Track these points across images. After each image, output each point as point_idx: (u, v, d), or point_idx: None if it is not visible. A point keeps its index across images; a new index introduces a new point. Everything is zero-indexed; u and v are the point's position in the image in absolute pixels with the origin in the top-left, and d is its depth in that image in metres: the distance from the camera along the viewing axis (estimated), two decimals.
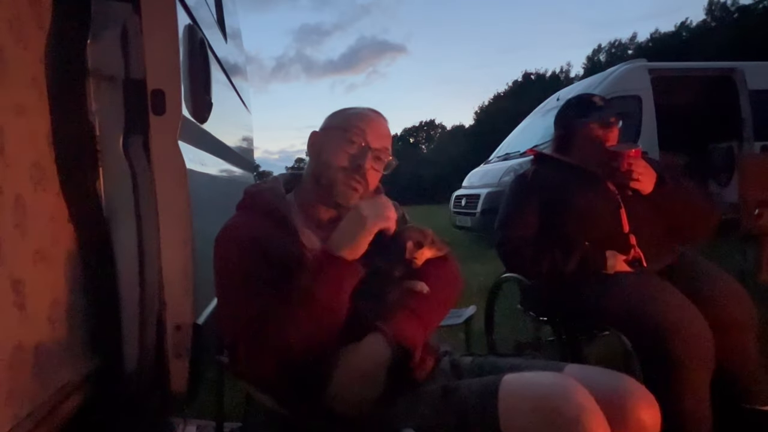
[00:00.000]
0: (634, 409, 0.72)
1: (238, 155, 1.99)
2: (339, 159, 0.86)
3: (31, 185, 0.94)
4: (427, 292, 0.84)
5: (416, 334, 0.80)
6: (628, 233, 1.34)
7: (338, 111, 0.94)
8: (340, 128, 0.88)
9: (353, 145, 0.86)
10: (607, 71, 5.59)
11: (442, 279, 0.89)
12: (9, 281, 0.84)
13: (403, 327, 0.79)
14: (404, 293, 0.84)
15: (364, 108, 0.92)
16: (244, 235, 0.81)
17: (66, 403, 0.99)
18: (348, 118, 0.89)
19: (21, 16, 0.93)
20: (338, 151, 0.86)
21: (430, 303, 0.84)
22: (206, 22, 1.43)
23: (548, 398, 0.66)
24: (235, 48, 2.11)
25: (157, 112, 1.08)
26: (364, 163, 0.86)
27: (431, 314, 0.85)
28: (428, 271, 0.87)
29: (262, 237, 0.80)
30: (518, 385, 0.70)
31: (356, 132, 0.86)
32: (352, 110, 0.92)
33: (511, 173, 5.06)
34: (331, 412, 0.74)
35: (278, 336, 0.74)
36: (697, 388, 1.10)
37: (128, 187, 1.12)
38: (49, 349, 0.95)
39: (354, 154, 0.86)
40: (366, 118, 0.89)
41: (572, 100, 1.55)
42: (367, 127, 0.88)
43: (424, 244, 0.86)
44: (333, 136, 0.88)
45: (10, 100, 0.89)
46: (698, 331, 1.10)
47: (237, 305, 0.78)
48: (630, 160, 1.29)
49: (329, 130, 0.90)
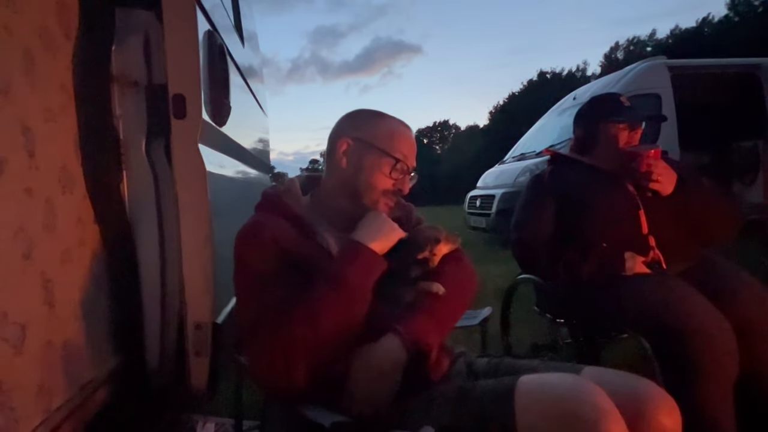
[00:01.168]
0: (655, 413, 0.70)
1: (255, 157, 2.03)
2: (385, 184, 0.88)
3: (60, 188, 0.97)
4: (442, 293, 0.85)
5: (432, 335, 0.80)
6: (647, 235, 1.32)
7: (376, 122, 0.90)
8: (387, 153, 0.87)
9: (399, 172, 0.88)
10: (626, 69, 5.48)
11: (457, 279, 0.89)
12: (40, 280, 0.88)
13: (419, 328, 0.79)
14: (420, 294, 0.85)
15: (401, 124, 0.92)
16: (263, 236, 0.82)
17: (92, 398, 1.02)
18: (395, 143, 0.88)
19: (49, 25, 0.97)
20: (385, 177, 0.88)
21: (445, 304, 0.85)
22: (224, 27, 1.46)
23: (566, 400, 0.66)
24: (252, 52, 2.14)
25: (178, 116, 1.11)
26: (405, 188, 0.90)
27: (447, 315, 0.86)
28: (443, 271, 0.88)
29: (281, 238, 0.81)
30: (535, 386, 0.70)
31: (403, 159, 0.88)
32: (394, 129, 0.90)
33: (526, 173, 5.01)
34: (347, 412, 0.75)
35: (300, 331, 0.74)
36: (720, 394, 1.07)
37: (150, 189, 1.15)
38: (76, 346, 0.98)
39: (398, 180, 0.89)
40: (407, 141, 0.90)
41: (596, 99, 1.53)
42: (409, 151, 0.89)
43: (441, 239, 0.87)
44: (379, 158, 0.87)
45: (39, 106, 0.92)
46: (721, 335, 1.08)
47: (257, 305, 0.79)
48: (649, 161, 1.27)
49: (372, 148, 0.88)
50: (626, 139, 1.40)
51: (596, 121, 1.45)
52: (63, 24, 1.02)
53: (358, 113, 0.93)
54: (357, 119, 0.92)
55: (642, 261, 1.29)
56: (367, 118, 0.91)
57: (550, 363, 0.85)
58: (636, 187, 1.34)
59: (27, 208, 0.86)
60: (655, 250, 1.31)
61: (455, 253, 0.92)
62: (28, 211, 0.86)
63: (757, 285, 1.26)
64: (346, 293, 0.76)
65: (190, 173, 1.13)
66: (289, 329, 0.74)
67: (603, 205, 1.34)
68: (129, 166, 1.15)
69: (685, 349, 1.06)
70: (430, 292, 0.85)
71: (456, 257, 0.92)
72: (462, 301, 0.90)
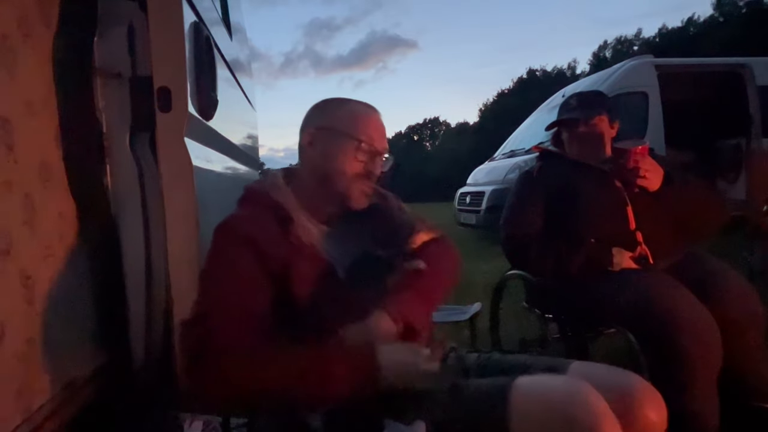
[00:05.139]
0: (641, 406, 0.71)
1: (244, 152, 2.00)
2: (353, 167, 0.87)
3: (40, 182, 0.95)
4: (423, 268, 0.86)
5: (418, 310, 0.81)
6: (635, 230, 1.33)
7: (338, 107, 0.90)
8: (349, 135, 0.87)
9: (365, 153, 0.87)
10: (613, 67, 5.54)
11: (438, 257, 0.91)
12: (19, 277, 0.85)
13: (404, 303, 0.80)
14: (402, 274, 0.86)
15: (365, 106, 0.91)
16: (241, 233, 0.80)
17: (75, 397, 1.00)
18: (356, 125, 0.88)
19: (29, 15, 0.94)
20: (352, 160, 0.87)
21: (427, 279, 0.86)
22: (211, 20, 1.43)
23: (562, 403, 0.66)
24: (240, 45, 2.11)
25: (163, 110, 1.09)
26: (375, 169, 0.88)
27: (430, 290, 0.86)
28: (424, 250, 0.90)
29: (259, 236, 0.80)
30: (531, 389, 0.69)
31: (367, 140, 0.87)
32: (356, 111, 0.90)
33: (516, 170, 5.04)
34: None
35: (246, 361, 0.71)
36: (705, 385, 1.09)
37: (135, 184, 1.12)
38: (58, 344, 0.96)
39: (366, 162, 0.88)
40: (372, 122, 0.89)
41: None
42: (374, 132, 0.88)
43: (420, 227, 0.91)
44: (342, 142, 0.87)
45: (18, 98, 0.90)
46: (706, 329, 1.10)
47: (212, 301, 0.77)
48: (636, 157, 1.28)
49: (335, 133, 0.88)
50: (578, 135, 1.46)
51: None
52: (43, 13, 0.99)
53: (323, 102, 0.93)
54: (320, 108, 0.92)
55: (629, 256, 1.31)
56: (330, 105, 0.91)
57: (538, 358, 0.86)
58: (623, 183, 1.35)
59: (5, 202, 0.83)
60: (642, 245, 1.32)
61: (436, 236, 0.94)
62: (7, 206, 0.84)
63: (740, 280, 1.28)
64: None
65: (176, 168, 1.11)
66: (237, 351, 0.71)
67: (591, 201, 1.35)
68: (113, 161, 1.12)
69: (670, 342, 1.08)
70: (411, 269, 0.86)
71: (436, 240, 0.94)
72: (444, 276, 0.91)
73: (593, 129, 1.44)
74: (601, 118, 1.44)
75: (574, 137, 1.47)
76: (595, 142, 1.45)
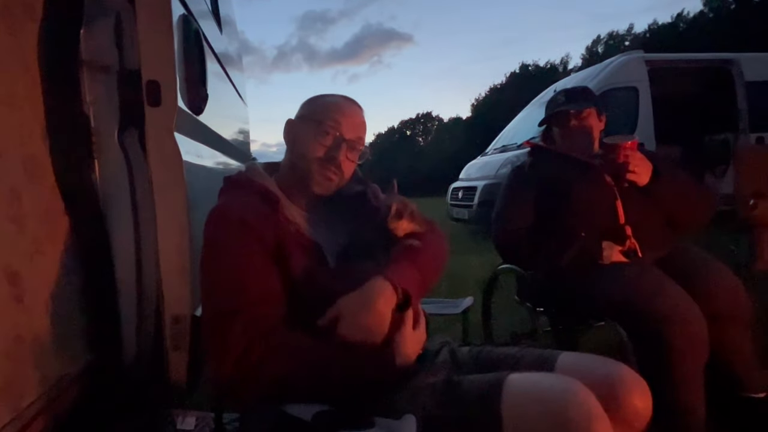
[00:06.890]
0: (628, 395, 0.72)
1: (235, 147, 1.98)
2: (314, 150, 0.87)
3: (26, 178, 0.93)
4: (417, 245, 0.87)
5: (414, 280, 0.82)
6: (624, 224, 1.35)
7: (313, 98, 0.94)
8: (314, 119, 0.88)
9: (328, 137, 0.87)
10: (604, 63, 5.57)
11: (429, 238, 0.92)
12: (6, 274, 0.84)
13: (402, 272, 0.81)
14: (398, 248, 0.88)
15: (339, 96, 0.92)
16: (232, 216, 0.80)
17: (65, 395, 0.99)
18: (323, 109, 0.89)
19: (12, 6, 0.92)
20: (313, 143, 0.87)
21: (423, 254, 0.87)
22: (200, 13, 1.41)
23: (555, 401, 0.66)
24: (230, 39, 2.08)
25: (152, 104, 1.07)
26: (338, 154, 0.87)
27: (426, 265, 0.87)
28: (415, 235, 0.91)
29: (249, 217, 0.80)
30: (523, 386, 0.70)
31: (331, 123, 0.87)
32: (326, 99, 0.92)
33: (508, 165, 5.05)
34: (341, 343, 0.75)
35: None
36: (692, 376, 1.11)
37: (124, 179, 1.11)
38: (47, 342, 0.95)
39: (329, 146, 0.87)
40: (340, 109, 0.89)
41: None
42: (341, 117, 0.88)
43: (404, 215, 0.88)
44: (308, 126, 0.89)
45: (2, 91, 0.88)
46: (693, 321, 1.12)
47: (227, 288, 0.77)
48: (626, 152, 1.29)
49: (304, 119, 0.91)
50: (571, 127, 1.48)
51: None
52: (27, 5, 0.97)
53: (307, 99, 0.95)
54: (304, 102, 0.95)
55: (619, 250, 1.33)
56: (311, 99, 0.94)
57: (528, 350, 0.86)
58: (613, 178, 1.36)
59: None
60: (632, 239, 1.34)
61: (424, 224, 0.95)
62: None
63: (727, 272, 1.30)
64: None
65: (165, 163, 1.10)
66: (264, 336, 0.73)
67: (581, 196, 1.37)
68: (101, 156, 1.10)
69: (658, 334, 1.10)
70: (406, 245, 0.87)
71: (426, 226, 0.95)
72: (437, 255, 0.92)
73: (582, 121, 1.46)
74: (589, 111, 1.46)
75: (565, 130, 1.49)
76: (585, 134, 1.46)
